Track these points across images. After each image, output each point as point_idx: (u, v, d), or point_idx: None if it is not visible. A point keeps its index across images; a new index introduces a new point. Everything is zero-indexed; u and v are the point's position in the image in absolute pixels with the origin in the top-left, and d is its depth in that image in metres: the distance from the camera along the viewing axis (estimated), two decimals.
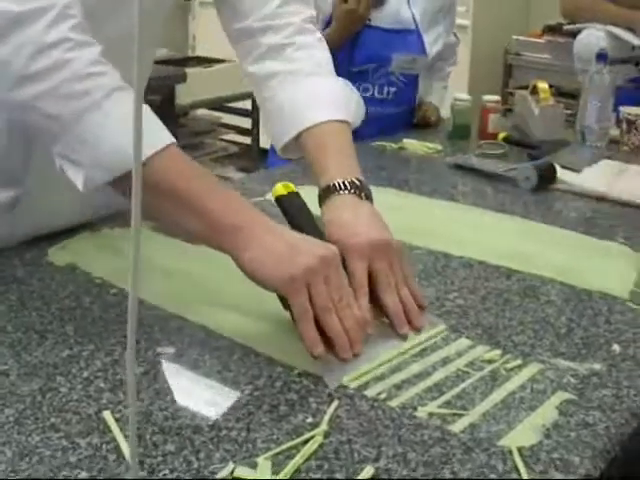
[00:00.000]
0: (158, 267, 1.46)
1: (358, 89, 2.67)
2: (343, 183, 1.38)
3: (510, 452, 0.99)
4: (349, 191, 1.38)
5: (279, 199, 1.35)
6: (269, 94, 1.58)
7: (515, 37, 5.14)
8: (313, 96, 1.53)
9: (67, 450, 0.97)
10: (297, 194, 1.35)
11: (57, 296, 1.37)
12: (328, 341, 1.19)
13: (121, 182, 1.18)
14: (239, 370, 1.16)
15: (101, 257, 1.52)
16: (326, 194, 1.39)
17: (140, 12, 0.46)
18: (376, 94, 2.71)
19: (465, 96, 2.73)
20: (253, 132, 5.09)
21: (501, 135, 2.55)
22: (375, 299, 1.29)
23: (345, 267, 1.26)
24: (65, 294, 1.37)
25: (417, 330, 1.29)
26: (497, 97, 2.70)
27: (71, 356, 1.18)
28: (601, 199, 2.03)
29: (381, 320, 1.30)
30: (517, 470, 0.96)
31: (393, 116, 2.76)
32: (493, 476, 0.95)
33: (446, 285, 1.46)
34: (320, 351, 1.17)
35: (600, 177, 2.17)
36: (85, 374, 1.14)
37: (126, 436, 0.99)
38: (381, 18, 2.67)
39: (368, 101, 2.67)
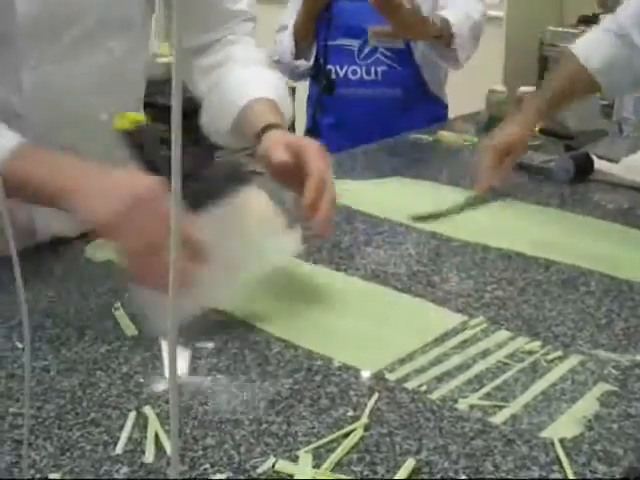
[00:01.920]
0: None
1: (346, 73, 2.60)
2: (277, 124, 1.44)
3: (552, 444, 0.99)
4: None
5: (125, 134, 1.26)
6: (204, 88, 1.63)
7: (550, 28, 5.11)
8: (250, 80, 1.57)
9: (108, 445, 0.98)
10: (148, 125, 1.29)
11: (95, 292, 1.37)
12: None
13: None
14: (278, 364, 1.16)
15: None
16: (264, 130, 1.43)
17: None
18: (364, 75, 2.60)
19: (500, 88, 2.71)
20: (289, 127, 5.09)
21: (537, 126, 2.53)
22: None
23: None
24: (103, 290, 1.38)
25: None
26: (533, 88, 2.68)
27: (110, 351, 1.19)
28: (639, 189, 2.01)
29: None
30: (559, 462, 0.95)
31: (388, 97, 2.63)
32: (535, 468, 0.94)
33: (484, 277, 1.45)
34: (146, 283, 1.17)
35: (638, 167, 2.14)
36: (124, 369, 1.14)
37: (167, 431, 1.00)
38: None
39: (357, 84, 2.60)
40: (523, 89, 2.64)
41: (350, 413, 1.04)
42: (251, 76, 1.58)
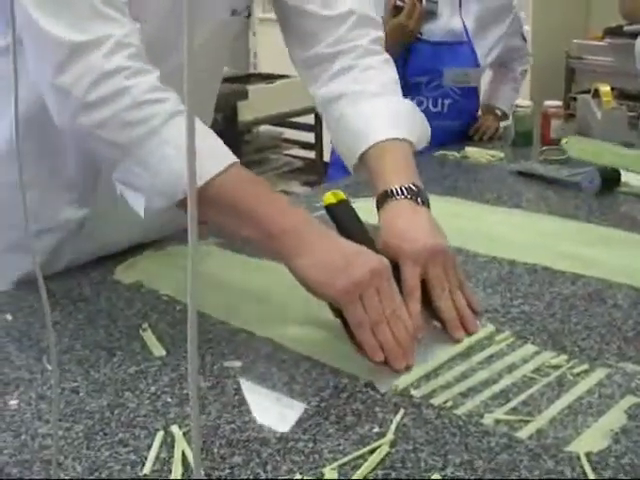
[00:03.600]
0: (224, 283, 1.47)
1: None
2: (400, 188, 1.38)
3: (578, 458, 0.98)
4: (405, 196, 1.38)
5: (329, 207, 1.35)
6: (336, 116, 1.57)
7: (576, 41, 5.10)
8: (375, 116, 1.52)
9: (136, 464, 0.99)
10: (347, 202, 1.35)
11: (124, 314, 1.38)
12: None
13: (182, 204, 1.22)
14: (305, 382, 1.17)
15: (167, 275, 1.53)
16: (383, 199, 1.39)
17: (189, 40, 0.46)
18: (430, 107, 2.63)
19: (526, 102, 2.71)
20: (316, 146, 5.09)
21: (564, 140, 2.53)
22: (429, 304, 1.30)
23: (398, 272, 1.28)
24: (132, 312, 1.39)
25: (470, 334, 1.30)
26: (558, 102, 2.68)
27: (138, 372, 1.20)
28: None
29: (434, 324, 1.31)
30: (586, 476, 0.95)
31: (451, 129, 2.69)
32: None
33: (511, 292, 1.45)
34: (381, 357, 1.18)
35: None
36: (152, 389, 1.15)
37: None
38: (432, 31, 2.61)
39: None
40: (548, 103, 2.64)
41: (376, 430, 1.05)
42: (372, 113, 1.52)
